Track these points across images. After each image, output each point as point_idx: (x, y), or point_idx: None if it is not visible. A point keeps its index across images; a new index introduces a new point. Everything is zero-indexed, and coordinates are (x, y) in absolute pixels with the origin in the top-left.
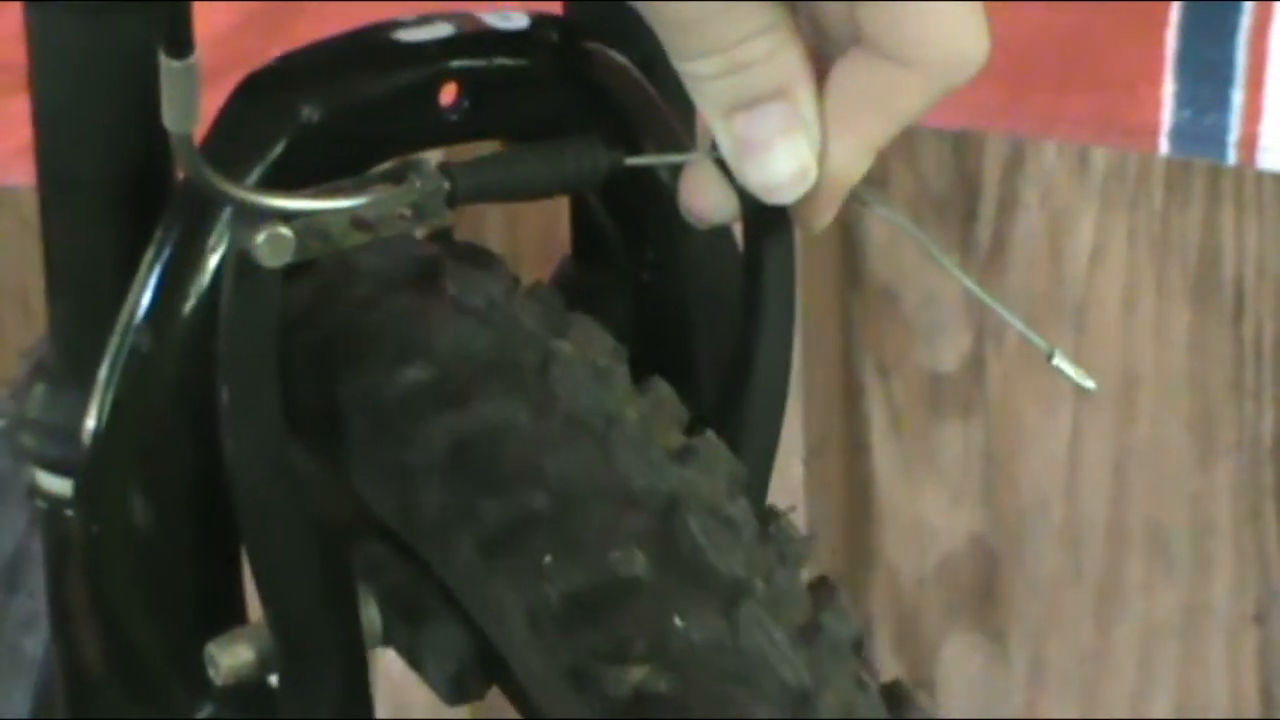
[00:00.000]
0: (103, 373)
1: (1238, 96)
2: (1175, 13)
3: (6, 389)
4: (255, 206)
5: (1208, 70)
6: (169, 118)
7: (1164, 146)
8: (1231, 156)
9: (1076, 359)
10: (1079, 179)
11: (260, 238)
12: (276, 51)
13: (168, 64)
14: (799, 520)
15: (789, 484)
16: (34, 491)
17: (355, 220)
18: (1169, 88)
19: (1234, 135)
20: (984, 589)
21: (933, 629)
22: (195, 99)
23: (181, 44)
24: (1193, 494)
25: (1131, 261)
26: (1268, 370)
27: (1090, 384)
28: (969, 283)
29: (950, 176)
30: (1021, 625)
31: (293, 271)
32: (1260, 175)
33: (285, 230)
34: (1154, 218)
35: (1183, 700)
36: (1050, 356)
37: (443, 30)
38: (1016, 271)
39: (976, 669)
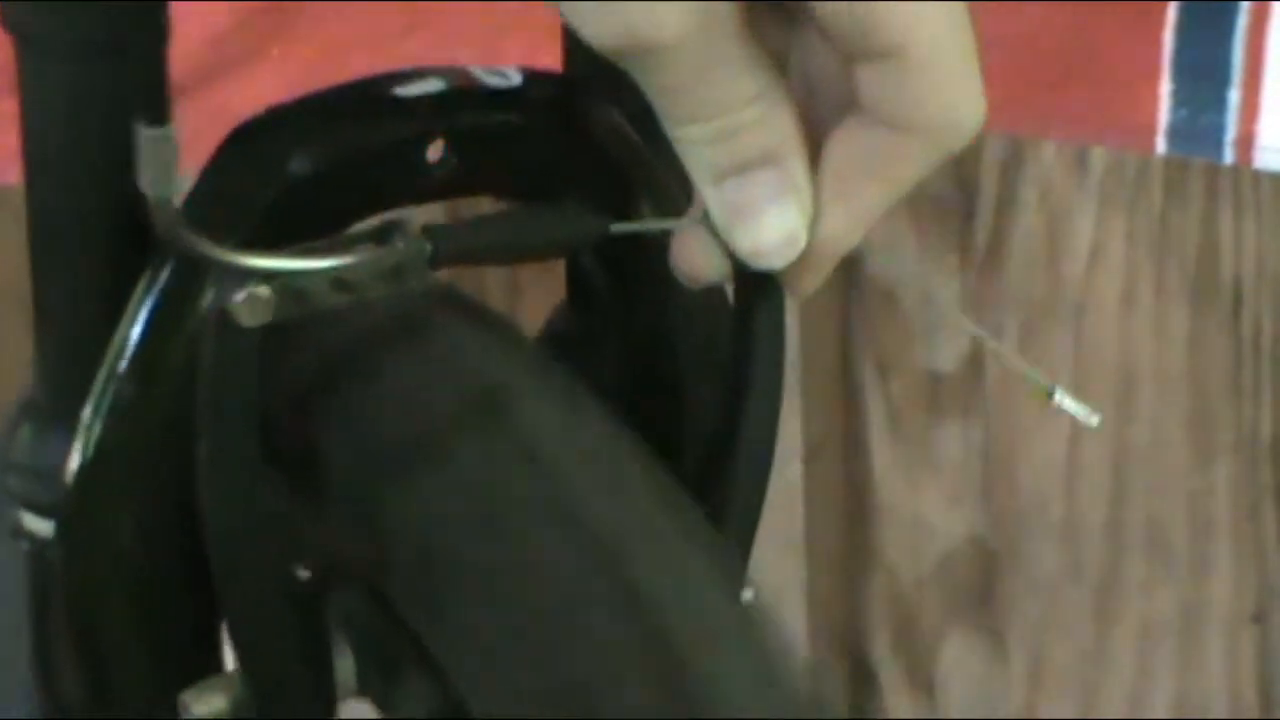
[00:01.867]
0: (86, 416)
1: (1234, 96)
2: (1172, 12)
3: None
4: (233, 267)
5: (1205, 70)
6: (146, 183)
7: (1161, 146)
8: (1228, 156)
9: (1075, 358)
10: (1077, 179)
11: (239, 297)
12: (276, 52)
13: (144, 131)
14: (797, 520)
15: (788, 484)
16: (18, 532)
17: (335, 281)
18: (1166, 87)
19: (1231, 134)
20: (983, 589)
21: (932, 629)
22: (173, 165)
23: (157, 111)
24: (1192, 493)
25: (1130, 261)
26: (1266, 369)
27: (1094, 421)
28: (968, 324)
29: (948, 177)
30: (1021, 625)
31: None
32: (1258, 174)
33: (264, 290)
34: (1152, 217)
35: (1181, 699)
36: (1050, 395)
37: (433, 86)
38: (1015, 271)
39: (976, 669)
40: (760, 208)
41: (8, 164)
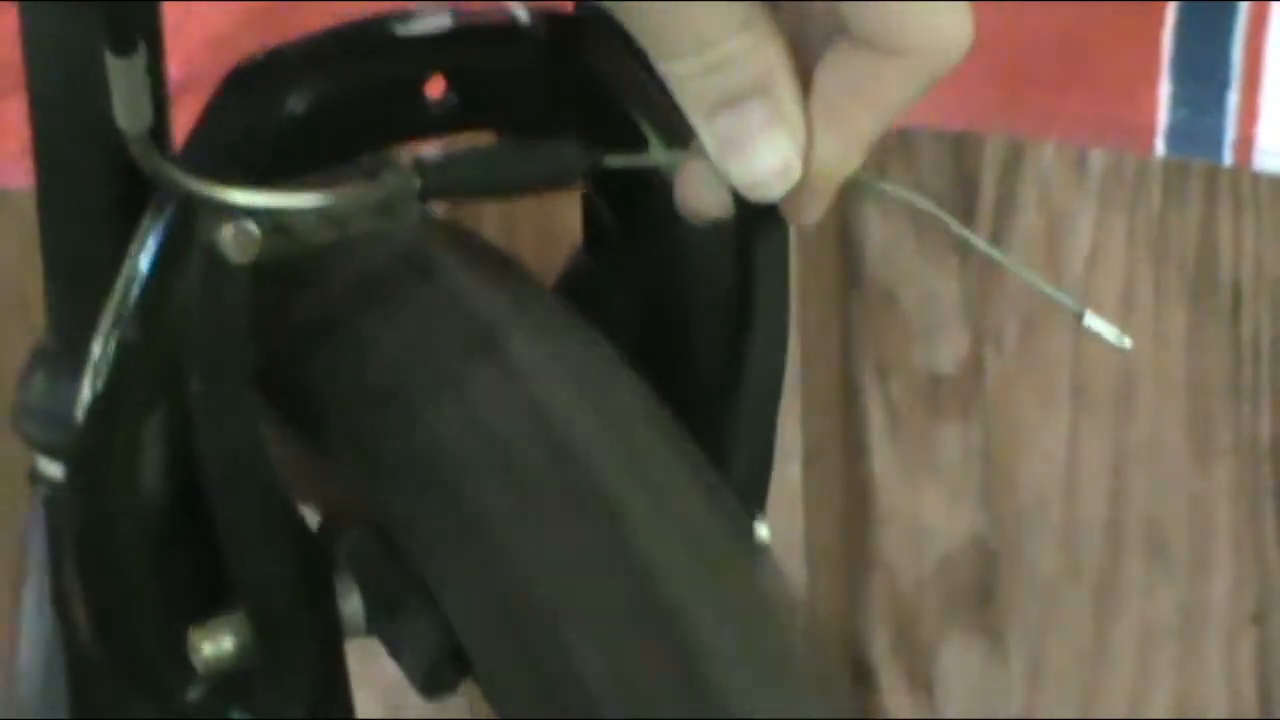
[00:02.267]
0: (93, 356)
1: (1234, 98)
2: (1171, 14)
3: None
4: (219, 203)
5: (1204, 71)
6: (120, 115)
7: (1161, 147)
8: (1228, 157)
9: (1075, 359)
10: (1077, 180)
11: (226, 233)
12: None
13: (113, 62)
14: (797, 521)
15: (788, 485)
16: (34, 477)
17: (324, 216)
18: (1165, 89)
19: (1230, 136)
20: (983, 589)
21: (932, 629)
22: (144, 96)
23: (124, 41)
24: (1191, 494)
25: (1129, 262)
26: (1265, 370)
27: (1127, 343)
28: (989, 249)
29: (948, 178)
30: (1020, 625)
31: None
32: (1257, 176)
33: (251, 225)
34: (1152, 219)
35: (1181, 700)
36: (1080, 317)
37: (437, 23)
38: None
39: (975, 669)
40: (753, 139)
41: (6, 167)
